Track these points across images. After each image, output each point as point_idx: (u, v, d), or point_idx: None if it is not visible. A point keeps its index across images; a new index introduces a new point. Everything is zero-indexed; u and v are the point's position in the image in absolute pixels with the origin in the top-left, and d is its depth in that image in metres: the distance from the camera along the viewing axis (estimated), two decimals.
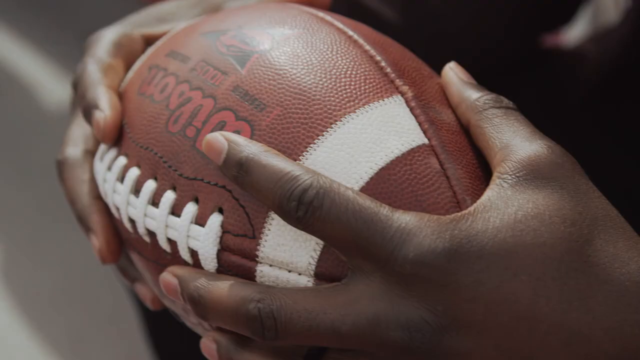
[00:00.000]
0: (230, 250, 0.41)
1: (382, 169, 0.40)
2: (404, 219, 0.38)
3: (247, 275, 0.41)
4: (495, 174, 0.40)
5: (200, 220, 0.42)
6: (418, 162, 0.40)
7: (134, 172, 0.45)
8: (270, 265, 0.41)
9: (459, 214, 0.38)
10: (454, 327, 0.37)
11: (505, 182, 0.39)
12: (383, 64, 0.43)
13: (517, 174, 0.39)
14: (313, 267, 0.40)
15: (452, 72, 0.45)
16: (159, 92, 0.46)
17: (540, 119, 0.74)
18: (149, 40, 0.53)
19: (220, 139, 0.41)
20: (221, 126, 0.42)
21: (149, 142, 0.45)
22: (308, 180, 0.39)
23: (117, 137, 0.47)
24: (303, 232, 0.40)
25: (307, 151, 0.40)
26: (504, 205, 0.38)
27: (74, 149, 0.51)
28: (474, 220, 0.38)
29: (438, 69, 0.71)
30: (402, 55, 0.45)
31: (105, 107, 0.47)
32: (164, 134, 0.44)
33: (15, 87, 1.95)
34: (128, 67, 0.52)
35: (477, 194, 0.40)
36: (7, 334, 1.42)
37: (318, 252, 0.40)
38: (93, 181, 0.50)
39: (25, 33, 2.11)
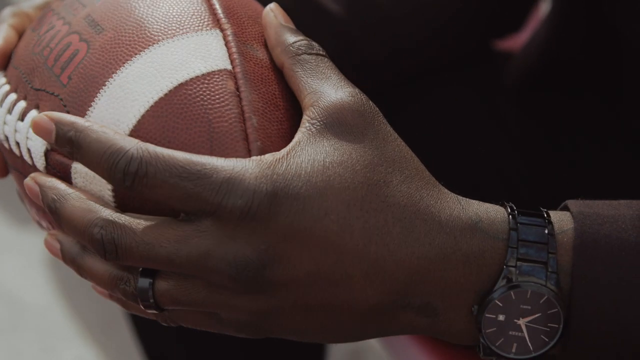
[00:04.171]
0: (55, 150, 0.47)
1: (181, 84, 0.46)
2: (227, 167, 0.42)
3: (65, 171, 0.46)
4: (304, 117, 0.45)
5: None
6: (215, 82, 0.46)
7: (4, 88, 0.52)
8: None
9: (273, 158, 0.42)
10: (274, 262, 0.42)
11: (314, 127, 0.44)
12: (216, 5, 0.49)
13: (324, 120, 0.44)
14: None
15: (272, 14, 0.48)
16: (38, 23, 0.53)
17: (474, 110, 0.77)
18: None
19: (46, 120, 0.44)
20: (67, 45, 0.49)
21: (19, 63, 0.52)
22: (129, 152, 0.42)
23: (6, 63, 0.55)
24: None
25: (124, 66, 0.47)
26: (313, 152, 0.43)
27: None
28: (289, 165, 0.42)
29: (379, 55, 0.73)
30: (240, 3, 0.50)
31: None
32: (29, 55, 0.51)
33: None
34: None
35: (268, 117, 0.46)
36: (47, 314, 1.49)
37: None
38: None
39: None
